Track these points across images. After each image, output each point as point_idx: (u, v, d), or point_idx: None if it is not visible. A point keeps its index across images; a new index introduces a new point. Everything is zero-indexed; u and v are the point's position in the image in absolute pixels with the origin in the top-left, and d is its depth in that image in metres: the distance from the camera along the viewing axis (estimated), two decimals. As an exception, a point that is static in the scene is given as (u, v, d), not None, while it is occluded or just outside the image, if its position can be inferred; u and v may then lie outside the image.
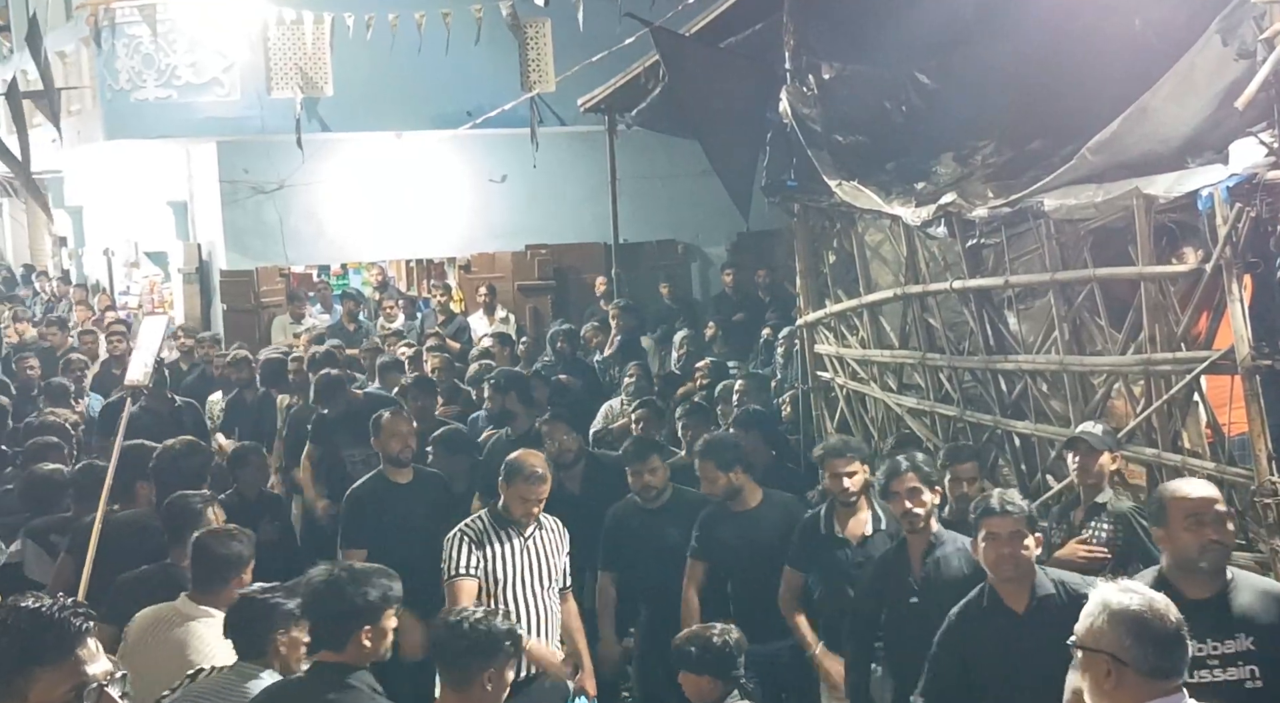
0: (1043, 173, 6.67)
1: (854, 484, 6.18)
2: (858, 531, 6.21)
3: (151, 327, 7.29)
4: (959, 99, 8.16)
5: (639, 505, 6.83)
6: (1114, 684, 3.14)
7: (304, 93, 15.20)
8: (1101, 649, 3.16)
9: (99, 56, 15.40)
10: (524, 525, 5.96)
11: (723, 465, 6.53)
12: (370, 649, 4.22)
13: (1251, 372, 5.51)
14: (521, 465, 5.98)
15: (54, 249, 24.50)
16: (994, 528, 4.80)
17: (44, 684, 2.40)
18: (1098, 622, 3.20)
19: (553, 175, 16.13)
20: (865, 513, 6.25)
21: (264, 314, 16.16)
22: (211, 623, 4.81)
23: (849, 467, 6.19)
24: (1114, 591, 3.27)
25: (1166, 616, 3.18)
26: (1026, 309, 7.15)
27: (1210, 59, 5.62)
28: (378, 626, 4.23)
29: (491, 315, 15.03)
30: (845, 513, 6.24)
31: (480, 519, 5.98)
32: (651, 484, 6.75)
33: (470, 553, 5.81)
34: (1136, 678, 3.13)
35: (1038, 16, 7.66)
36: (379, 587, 4.27)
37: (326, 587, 4.28)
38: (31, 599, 2.51)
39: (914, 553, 5.60)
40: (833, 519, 6.25)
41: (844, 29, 8.62)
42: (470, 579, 5.79)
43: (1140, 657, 3.13)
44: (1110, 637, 3.16)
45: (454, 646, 4.13)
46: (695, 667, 4.92)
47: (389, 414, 7.21)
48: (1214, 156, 5.78)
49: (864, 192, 7.74)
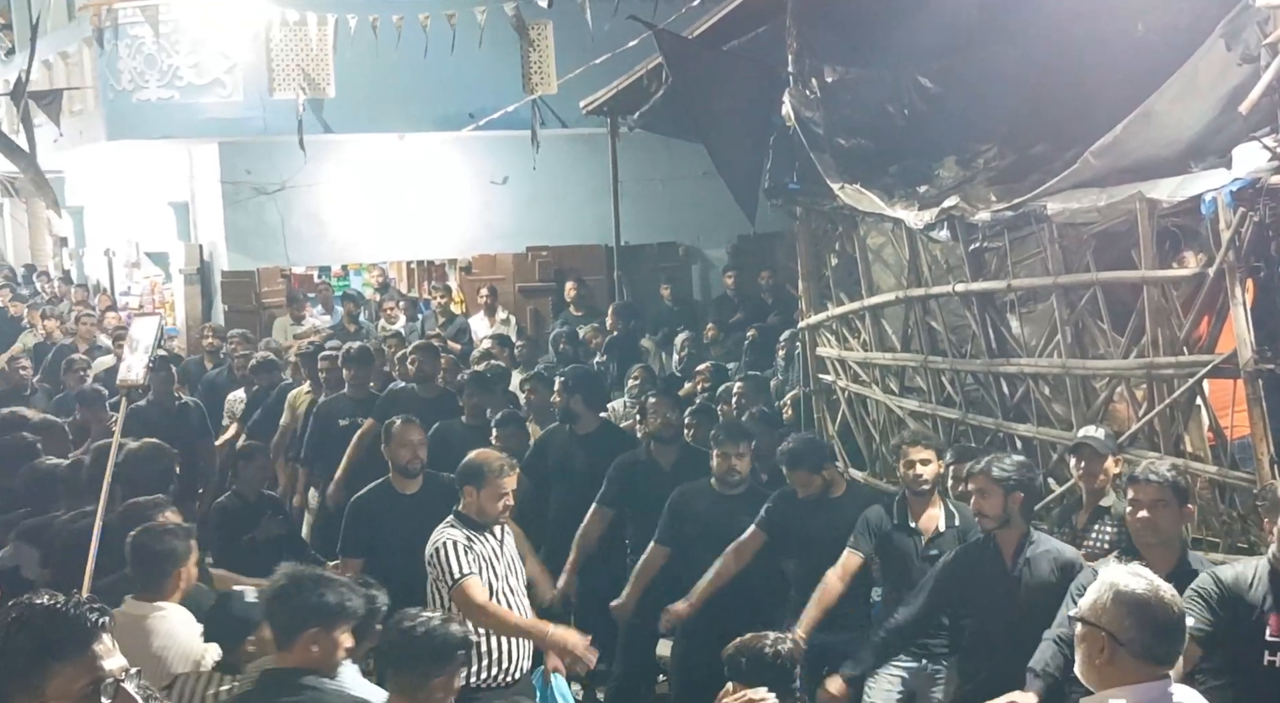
0: (1045, 177, 6.69)
1: (927, 473, 6.20)
2: (930, 525, 6.23)
3: (144, 327, 7.28)
4: (962, 103, 8.18)
5: (712, 490, 6.85)
6: (1106, 661, 3.25)
7: (306, 94, 15.20)
8: (1101, 626, 3.26)
9: (101, 57, 15.40)
10: (495, 526, 5.90)
11: (814, 468, 6.58)
12: (317, 656, 4.09)
13: (1254, 375, 5.54)
14: (487, 463, 5.91)
15: (55, 249, 24.48)
16: (1138, 494, 4.91)
17: (61, 680, 2.40)
18: (1102, 599, 3.29)
19: (554, 177, 16.14)
20: (938, 508, 6.26)
21: (265, 315, 16.15)
22: (164, 616, 4.83)
23: (923, 454, 6.22)
24: (1123, 572, 3.37)
25: (1171, 605, 3.25)
26: (1029, 312, 7.17)
27: (1214, 64, 5.65)
28: (329, 634, 4.11)
29: (492, 317, 15.04)
30: (918, 505, 6.25)
31: (453, 529, 5.82)
32: (737, 469, 6.77)
33: (465, 555, 5.73)
34: (1129, 659, 3.23)
35: (1041, 21, 7.69)
36: (339, 595, 4.18)
37: (287, 582, 4.22)
38: (46, 596, 2.51)
39: (1005, 549, 5.55)
40: (905, 509, 6.27)
41: (847, 32, 8.64)
42: (476, 577, 5.73)
43: (1136, 640, 3.22)
44: (1111, 615, 3.25)
45: (406, 651, 4.13)
46: (745, 677, 4.65)
47: (400, 422, 7.00)
48: (1217, 161, 5.81)
49: (866, 195, 7.75)
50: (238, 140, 15.71)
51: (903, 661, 6.14)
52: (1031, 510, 5.68)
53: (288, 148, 15.19)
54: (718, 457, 6.81)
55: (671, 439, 7.56)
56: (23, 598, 2.52)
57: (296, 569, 4.36)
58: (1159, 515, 4.86)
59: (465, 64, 14.59)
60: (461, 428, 8.47)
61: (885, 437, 8.41)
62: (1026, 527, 5.55)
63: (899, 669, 6.15)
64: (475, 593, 5.67)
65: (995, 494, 5.47)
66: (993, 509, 5.49)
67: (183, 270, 17.13)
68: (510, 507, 5.90)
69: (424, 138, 16.06)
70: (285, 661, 4.15)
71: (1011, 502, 5.47)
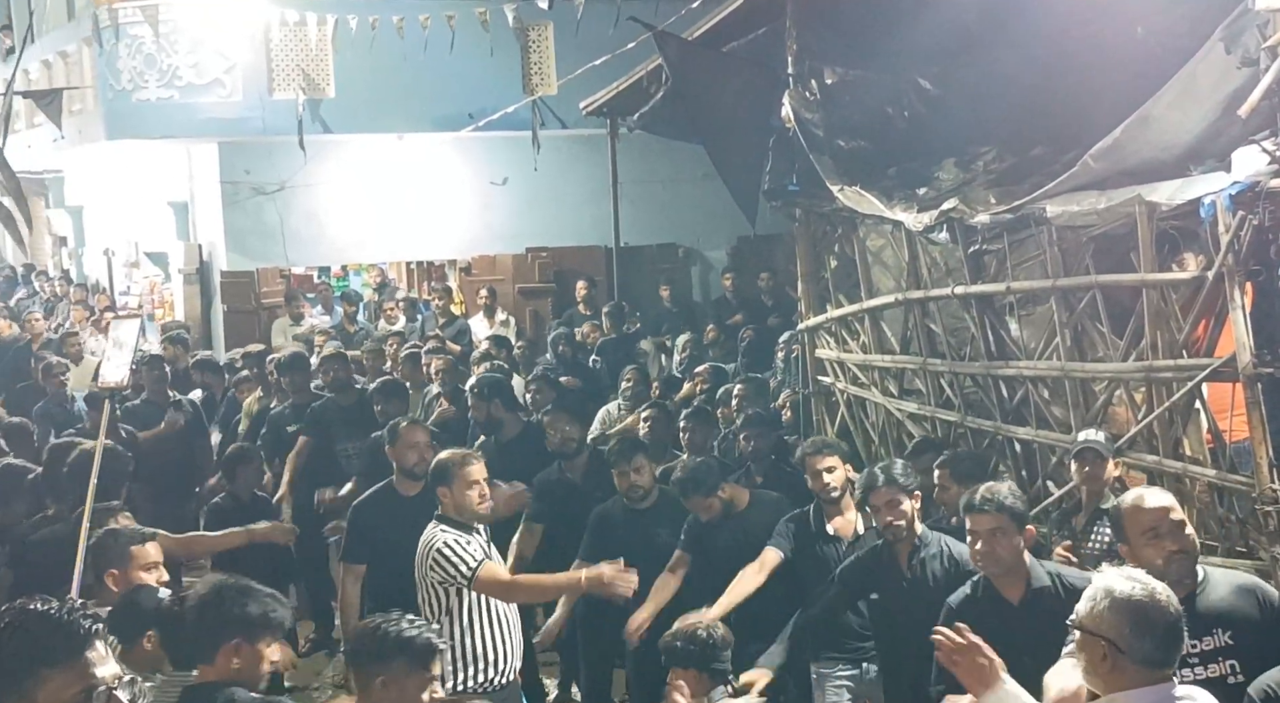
0: (1045, 179, 6.68)
1: (834, 480, 6.23)
2: (847, 530, 6.26)
3: (125, 328, 7.32)
4: (961, 105, 8.18)
5: (626, 506, 6.83)
6: (1109, 669, 3.25)
7: (306, 94, 15.20)
8: (1101, 634, 3.26)
9: (101, 56, 15.39)
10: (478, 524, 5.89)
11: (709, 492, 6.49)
12: (239, 669, 4.03)
13: (1253, 379, 5.53)
14: (450, 459, 5.93)
15: (54, 249, 24.47)
16: (975, 525, 4.85)
17: (53, 687, 2.40)
18: (1099, 606, 3.30)
19: (554, 178, 16.14)
20: (853, 513, 6.29)
21: (264, 315, 16.16)
22: None
23: (826, 462, 6.25)
24: (1119, 578, 3.37)
25: (1167, 607, 3.26)
26: (1028, 315, 7.16)
27: (1213, 67, 5.64)
28: (252, 646, 4.05)
29: (492, 318, 15.03)
30: (832, 511, 6.28)
31: (443, 531, 5.78)
32: (638, 484, 6.75)
33: (467, 547, 5.71)
34: (1131, 665, 3.23)
35: (1040, 24, 7.68)
36: (263, 606, 4.12)
37: (209, 592, 4.15)
38: (39, 601, 2.51)
39: (901, 553, 5.66)
40: (822, 517, 6.28)
41: (847, 34, 8.63)
42: (490, 561, 5.72)
43: (1137, 646, 3.23)
44: (1111, 623, 3.25)
45: (358, 646, 4.13)
46: (681, 661, 5.00)
47: (406, 424, 7.01)
48: (1216, 164, 5.80)
49: (866, 197, 7.75)
50: (237, 140, 15.71)
51: (844, 669, 6.18)
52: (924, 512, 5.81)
53: (287, 148, 15.19)
54: (617, 476, 6.78)
55: (575, 453, 7.50)
56: (15, 604, 2.52)
57: (220, 580, 4.28)
58: (996, 543, 4.79)
59: (465, 65, 14.60)
60: None
61: (884, 439, 8.41)
62: (922, 528, 5.68)
63: (843, 679, 6.19)
64: (500, 574, 5.70)
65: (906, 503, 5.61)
66: (905, 518, 5.60)
67: (182, 270, 17.13)
68: (486, 496, 5.86)
69: (423, 138, 16.06)
70: (206, 674, 4.07)
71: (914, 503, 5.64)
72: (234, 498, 7.78)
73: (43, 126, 16.88)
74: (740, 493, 6.69)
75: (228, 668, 4.03)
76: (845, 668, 6.18)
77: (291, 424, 9.24)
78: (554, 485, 7.45)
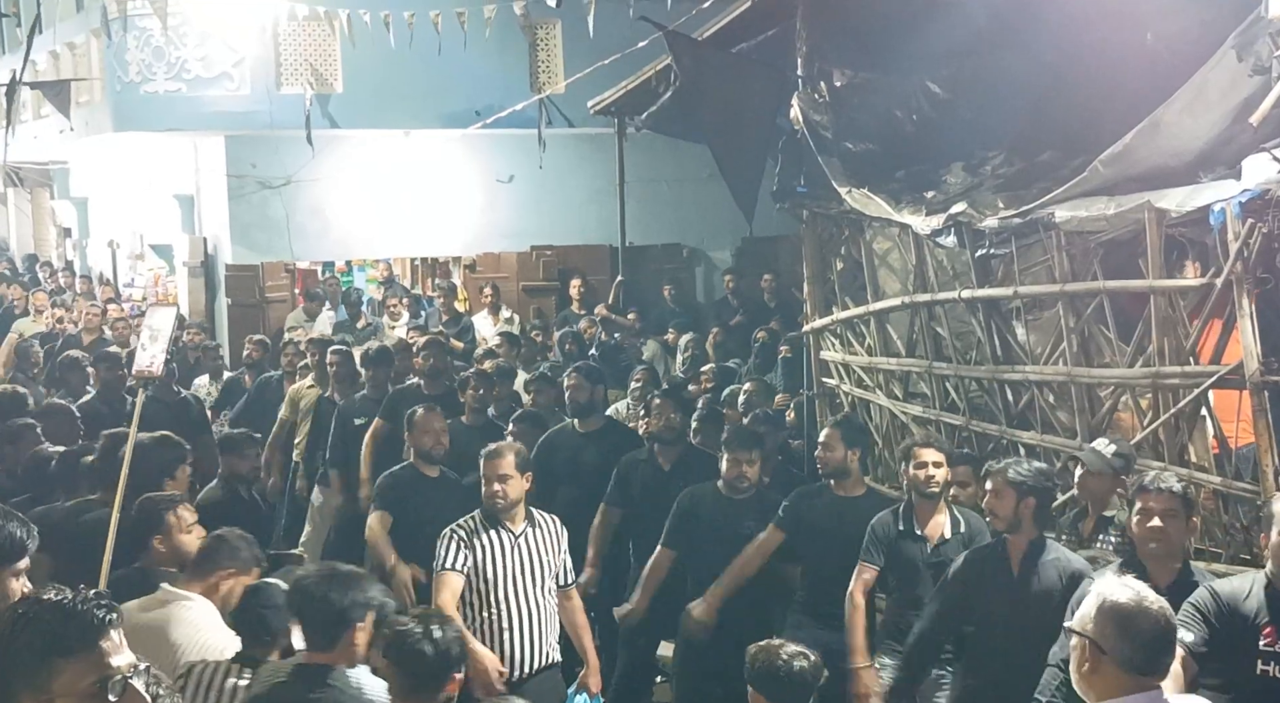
0: (1053, 184, 6.68)
1: (940, 475, 6.20)
2: (935, 531, 6.23)
3: (162, 317, 7.27)
4: (970, 109, 8.17)
5: (719, 494, 6.85)
6: (1090, 669, 3.31)
7: (314, 89, 15.20)
8: (1085, 634, 3.32)
9: (109, 48, 15.39)
10: (508, 517, 5.95)
11: (848, 440, 6.64)
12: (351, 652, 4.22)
13: (1260, 387, 5.53)
14: (482, 452, 6.11)
15: (58, 240, 24.47)
16: (1148, 503, 4.86)
17: (68, 677, 2.38)
18: (1089, 608, 3.36)
19: (560, 177, 16.14)
20: (944, 515, 6.26)
21: (268, 309, 16.16)
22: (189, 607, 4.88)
23: (936, 456, 6.22)
24: (1114, 583, 3.43)
25: (1156, 617, 3.31)
26: (1035, 320, 7.16)
27: (1225, 74, 5.64)
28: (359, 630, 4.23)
29: (496, 315, 15.05)
30: (924, 511, 6.24)
31: (472, 519, 5.99)
32: (746, 475, 6.77)
33: (459, 551, 5.86)
34: (1112, 668, 3.28)
35: (1050, 28, 7.68)
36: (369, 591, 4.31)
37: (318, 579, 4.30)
38: (54, 591, 2.49)
39: (1013, 553, 5.55)
40: (911, 516, 6.26)
41: (856, 37, 8.63)
42: (454, 574, 5.84)
43: (1118, 649, 3.27)
44: (1096, 625, 3.31)
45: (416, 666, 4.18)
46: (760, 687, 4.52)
47: (423, 410, 7.41)
48: (1226, 172, 5.80)
49: (874, 199, 7.74)
50: (244, 134, 15.72)
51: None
52: (1045, 518, 5.66)
53: (294, 142, 15.19)
54: (728, 461, 6.80)
55: (674, 441, 7.57)
56: (30, 593, 2.51)
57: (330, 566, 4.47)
58: (1170, 525, 4.84)
59: (472, 62, 14.61)
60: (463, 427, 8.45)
61: (888, 442, 8.40)
62: (1038, 533, 5.54)
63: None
64: (443, 590, 5.82)
65: (1009, 497, 5.48)
66: (1004, 511, 5.49)
67: (186, 263, 17.14)
68: (500, 491, 5.92)
69: (430, 135, 16.06)
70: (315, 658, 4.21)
71: (1024, 507, 5.47)
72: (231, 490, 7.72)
73: (50, 117, 16.89)
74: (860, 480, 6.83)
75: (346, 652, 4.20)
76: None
77: (359, 417, 9.20)
78: (642, 468, 7.55)
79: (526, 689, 5.82)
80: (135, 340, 12.59)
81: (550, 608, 6.04)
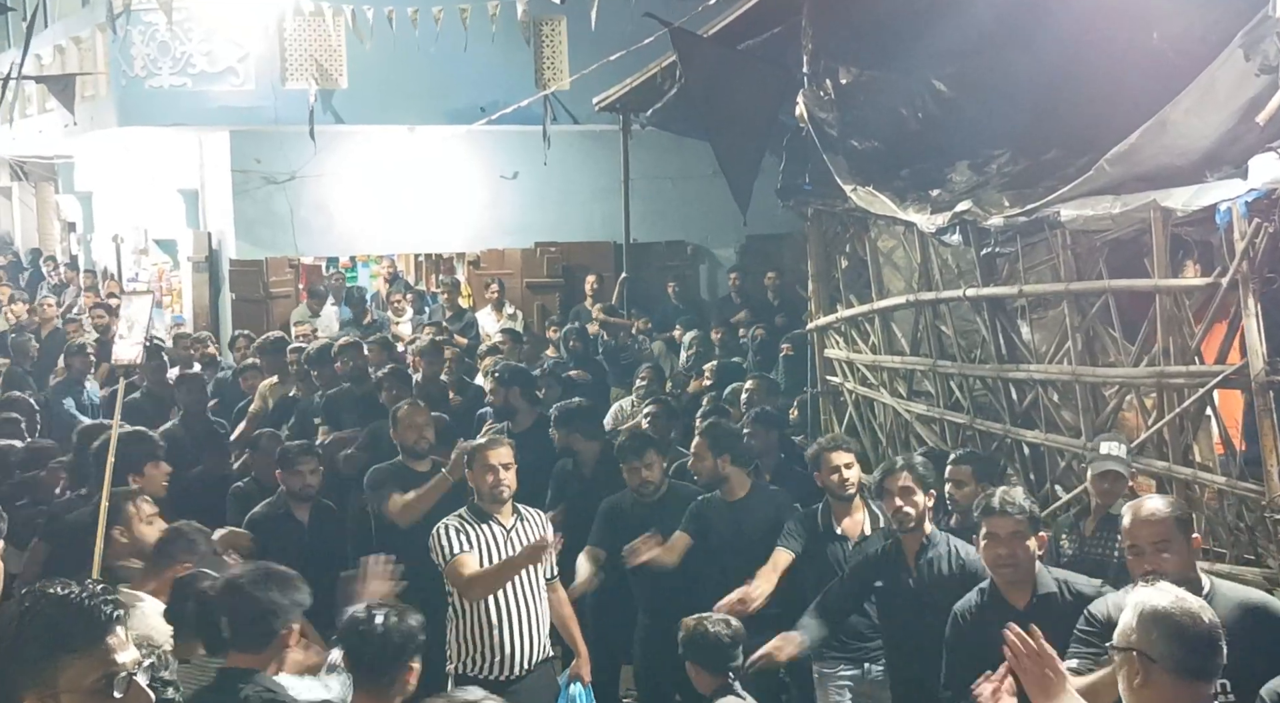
0: (1059, 183, 6.68)
1: (853, 477, 6.21)
2: (854, 530, 6.23)
3: (138, 305, 7.24)
4: (975, 107, 8.16)
5: (635, 499, 6.82)
6: (1142, 681, 3.14)
7: (319, 84, 15.19)
8: (1131, 646, 3.17)
9: (114, 43, 15.38)
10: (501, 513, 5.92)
11: (716, 448, 6.58)
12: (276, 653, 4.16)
13: (1265, 387, 5.52)
14: (474, 443, 6.14)
15: (62, 234, 24.49)
16: (994, 528, 4.78)
17: (73, 673, 2.35)
18: (1129, 620, 3.21)
19: (564, 173, 16.13)
20: (861, 513, 6.27)
21: (272, 304, 16.16)
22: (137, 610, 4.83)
23: (844, 459, 6.23)
24: (1147, 591, 3.28)
25: (1198, 616, 3.17)
26: (1039, 318, 7.16)
27: (1231, 74, 5.64)
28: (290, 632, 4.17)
29: (500, 311, 15.05)
30: (842, 510, 6.26)
31: (460, 516, 5.95)
32: (648, 480, 6.74)
33: (459, 535, 5.82)
34: (1164, 676, 3.12)
35: (1056, 27, 7.66)
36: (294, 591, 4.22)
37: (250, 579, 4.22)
38: (59, 586, 2.45)
39: (908, 552, 5.59)
40: (830, 516, 6.26)
41: (862, 35, 8.62)
42: (467, 555, 5.78)
43: (1167, 654, 3.12)
44: (1139, 633, 3.17)
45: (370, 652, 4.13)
46: (689, 656, 4.97)
47: (406, 406, 7.29)
48: (1233, 171, 5.79)
49: (879, 197, 7.74)
50: (248, 129, 15.71)
51: (846, 669, 6.15)
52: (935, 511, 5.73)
53: (298, 137, 15.18)
54: (627, 472, 6.78)
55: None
56: (35, 587, 2.48)
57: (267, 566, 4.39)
58: (1017, 548, 4.72)
59: (477, 58, 14.58)
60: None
61: (892, 440, 8.41)
62: (931, 527, 5.60)
63: (845, 679, 6.16)
64: (464, 569, 5.75)
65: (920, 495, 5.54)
66: (917, 509, 5.52)
67: (190, 258, 17.14)
68: (501, 480, 5.92)
69: (435, 131, 16.05)
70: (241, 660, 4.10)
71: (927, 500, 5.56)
72: (257, 483, 7.74)
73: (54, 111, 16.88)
74: (742, 481, 6.65)
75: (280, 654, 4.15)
76: (847, 668, 6.15)
77: (319, 416, 9.17)
78: (568, 478, 7.52)
79: (523, 688, 5.81)
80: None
81: (543, 601, 6.02)
